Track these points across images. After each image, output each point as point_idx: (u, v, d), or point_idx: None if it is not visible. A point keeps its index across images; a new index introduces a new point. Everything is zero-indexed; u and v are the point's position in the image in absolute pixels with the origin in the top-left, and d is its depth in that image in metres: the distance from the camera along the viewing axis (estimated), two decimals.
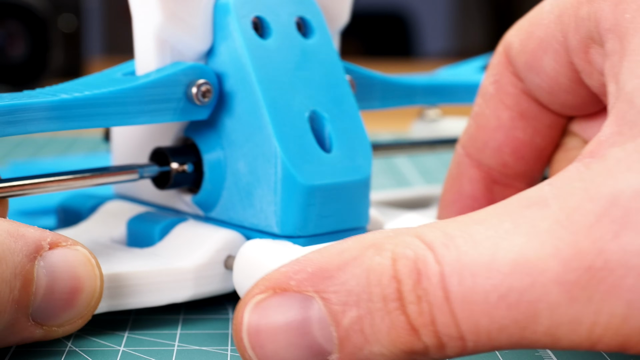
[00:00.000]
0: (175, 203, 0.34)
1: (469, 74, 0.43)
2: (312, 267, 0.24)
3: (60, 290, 0.27)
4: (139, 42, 0.32)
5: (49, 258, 0.27)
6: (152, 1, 0.31)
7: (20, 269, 0.26)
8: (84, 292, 0.28)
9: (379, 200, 0.41)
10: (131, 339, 0.29)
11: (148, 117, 0.31)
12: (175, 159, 0.32)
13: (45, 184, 0.30)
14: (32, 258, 0.27)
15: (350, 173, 0.31)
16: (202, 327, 0.31)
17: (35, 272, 0.27)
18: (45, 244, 0.27)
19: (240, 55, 0.31)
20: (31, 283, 0.27)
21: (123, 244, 0.34)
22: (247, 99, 0.31)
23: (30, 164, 0.53)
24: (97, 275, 0.28)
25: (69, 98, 0.29)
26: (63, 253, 0.27)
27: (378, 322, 0.23)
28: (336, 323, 0.23)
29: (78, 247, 0.28)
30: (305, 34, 0.33)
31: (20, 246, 0.26)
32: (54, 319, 0.27)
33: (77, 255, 0.28)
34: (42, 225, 0.37)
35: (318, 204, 0.31)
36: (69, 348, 0.29)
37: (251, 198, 0.31)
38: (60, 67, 0.99)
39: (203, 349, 0.29)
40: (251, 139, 0.31)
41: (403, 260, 0.23)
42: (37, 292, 0.27)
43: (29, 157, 0.63)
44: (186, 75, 0.31)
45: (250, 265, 0.30)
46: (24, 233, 0.27)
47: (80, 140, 0.72)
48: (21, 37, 0.97)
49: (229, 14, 0.31)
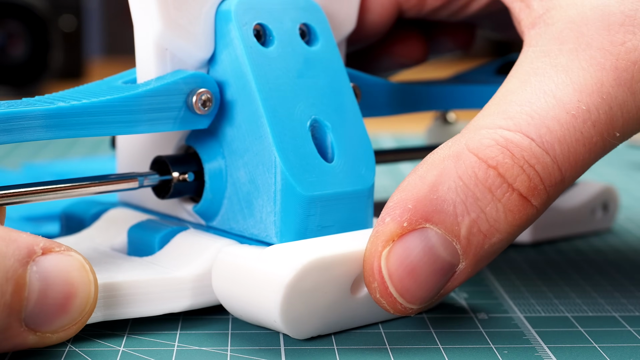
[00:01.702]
0: (177, 212, 0.34)
1: (479, 78, 0.43)
2: (411, 203, 0.27)
3: (54, 296, 0.27)
4: (140, 49, 0.32)
5: (42, 263, 0.27)
6: (153, 9, 0.30)
7: (12, 273, 0.26)
8: (77, 298, 0.28)
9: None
10: (131, 339, 0.29)
11: (147, 126, 0.31)
12: (176, 168, 0.32)
13: (44, 192, 0.30)
14: (25, 263, 0.27)
15: (352, 183, 0.31)
16: (202, 327, 0.31)
17: (27, 277, 0.27)
18: (38, 249, 0.27)
19: (241, 63, 0.31)
20: (23, 288, 0.26)
21: (124, 252, 0.33)
22: (247, 107, 0.31)
23: (45, 166, 0.53)
24: (92, 281, 0.28)
25: (66, 106, 0.29)
26: (56, 258, 0.27)
27: (494, 214, 0.26)
28: (456, 237, 0.27)
29: (72, 252, 0.28)
30: (309, 41, 0.33)
31: (12, 250, 0.26)
32: (48, 324, 0.27)
33: (70, 260, 0.28)
34: (45, 232, 0.38)
35: (318, 214, 0.31)
36: (68, 348, 0.29)
37: (251, 208, 0.31)
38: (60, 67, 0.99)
39: (203, 349, 0.29)
40: (251, 148, 0.31)
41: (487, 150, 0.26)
42: (29, 297, 0.27)
43: (29, 157, 0.63)
44: (187, 84, 0.31)
45: (228, 270, 0.30)
46: (16, 238, 0.27)
47: (81, 141, 0.72)
48: (21, 37, 0.97)
49: (230, 22, 0.31)
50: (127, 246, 0.33)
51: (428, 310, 0.32)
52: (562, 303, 0.34)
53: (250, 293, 0.29)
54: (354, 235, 0.30)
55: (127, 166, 0.35)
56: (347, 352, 0.29)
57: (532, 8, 0.29)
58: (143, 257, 0.32)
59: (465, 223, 0.27)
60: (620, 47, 0.27)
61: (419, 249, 0.27)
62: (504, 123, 0.27)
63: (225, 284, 0.30)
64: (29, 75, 0.96)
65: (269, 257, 0.29)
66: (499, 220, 0.27)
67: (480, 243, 0.27)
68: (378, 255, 0.28)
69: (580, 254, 0.41)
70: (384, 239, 0.28)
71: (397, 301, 0.28)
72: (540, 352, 0.29)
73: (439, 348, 0.29)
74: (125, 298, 0.30)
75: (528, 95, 0.28)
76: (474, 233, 0.27)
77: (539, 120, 0.27)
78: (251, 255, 0.30)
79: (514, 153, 0.26)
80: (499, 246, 0.28)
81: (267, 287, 0.28)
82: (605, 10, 0.28)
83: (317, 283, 0.29)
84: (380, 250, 0.28)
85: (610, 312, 0.33)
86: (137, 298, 0.30)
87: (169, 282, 0.30)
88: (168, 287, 0.30)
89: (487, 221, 0.27)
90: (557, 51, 0.28)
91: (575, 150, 0.27)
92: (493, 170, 0.26)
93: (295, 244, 0.29)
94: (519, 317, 0.32)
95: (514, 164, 0.26)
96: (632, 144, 0.72)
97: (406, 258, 0.27)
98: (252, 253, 0.30)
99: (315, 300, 0.29)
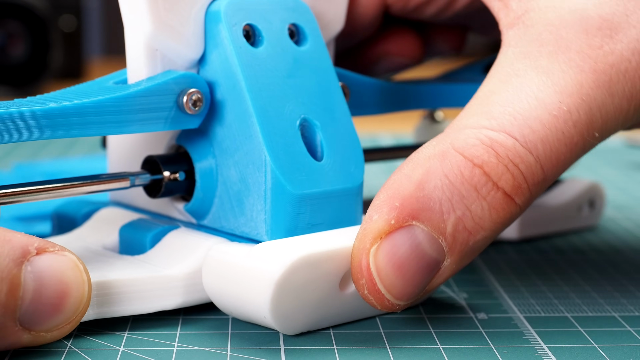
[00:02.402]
0: (168, 210, 0.34)
1: (467, 77, 0.43)
2: (398, 201, 0.27)
3: (48, 295, 0.27)
4: (130, 50, 0.32)
5: (36, 263, 0.27)
6: (143, 10, 0.31)
7: (6, 273, 0.27)
8: (71, 297, 0.28)
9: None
10: (131, 339, 0.30)
11: (139, 126, 0.31)
12: (167, 167, 0.32)
13: (36, 192, 0.30)
14: (19, 263, 0.27)
15: (341, 181, 0.31)
16: (202, 327, 0.31)
17: (22, 277, 0.27)
18: (33, 249, 0.27)
19: (231, 63, 0.31)
20: (18, 287, 0.27)
21: (115, 251, 0.34)
22: (237, 107, 0.31)
23: (33, 166, 0.53)
24: (85, 280, 0.28)
25: (58, 107, 0.29)
26: (50, 258, 0.28)
27: (479, 212, 0.27)
28: (442, 234, 0.27)
29: (66, 252, 0.28)
30: (298, 41, 0.33)
31: (6, 251, 0.27)
32: (42, 323, 0.28)
33: (64, 260, 0.28)
34: (37, 231, 0.38)
35: (308, 212, 0.31)
36: (69, 348, 0.29)
37: (242, 206, 0.31)
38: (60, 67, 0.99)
39: (203, 349, 0.29)
40: (242, 148, 0.31)
41: (472, 149, 0.27)
42: (24, 296, 0.27)
43: (29, 158, 0.63)
44: (177, 84, 0.31)
45: (218, 267, 0.30)
46: (11, 238, 0.27)
47: (81, 141, 0.72)
48: (21, 37, 0.97)
49: (220, 22, 0.31)
50: (119, 245, 0.34)
51: (428, 310, 0.32)
52: (562, 303, 0.34)
53: (241, 290, 0.29)
54: (342, 232, 0.31)
55: (118, 166, 0.35)
56: (347, 352, 0.29)
57: (511, 8, 0.30)
58: (135, 255, 0.33)
59: (451, 220, 0.27)
60: (598, 50, 0.28)
61: (407, 246, 0.28)
62: (488, 123, 0.27)
63: (215, 281, 0.30)
64: (29, 75, 0.96)
65: (259, 254, 0.29)
66: (483, 217, 0.27)
67: (465, 240, 0.27)
68: (366, 253, 0.28)
69: (580, 253, 0.41)
70: (372, 237, 0.28)
71: (385, 297, 0.28)
72: (540, 352, 0.29)
73: (439, 348, 0.29)
74: (118, 296, 0.30)
75: (510, 96, 0.28)
76: (459, 230, 0.27)
77: (522, 121, 0.27)
78: (241, 252, 0.30)
79: (499, 152, 0.27)
80: (483, 243, 0.28)
81: (258, 284, 0.29)
82: (584, 14, 0.28)
83: (307, 279, 0.29)
84: (369, 247, 0.28)
85: (610, 312, 0.33)
86: (129, 296, 0.30)
87: (161, 280, 0.31)
88: (160, 285, 0.31)
89: (472, 219, 0.27)
90: (537, 53, 0.28)
91: (557, 150, 0.27)
92: (479, 169, 0.27)
93: (285, 241, 0.30)
94: (519, 317, 0.32)
95: (499, 163, 0.27)
96: (632, 144, 0.72)
97: (394, 255, 0.28)
98: (242, 250, 0.30)
99: (304, 296, 0.29)
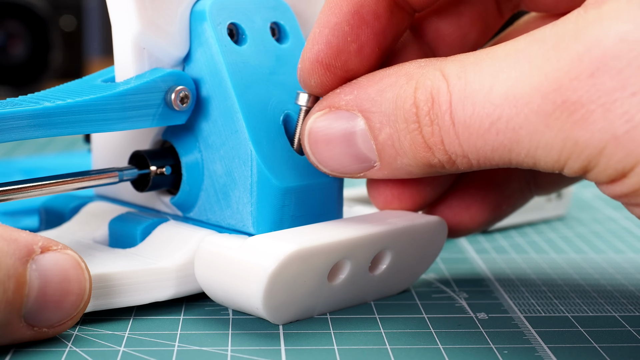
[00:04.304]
0: (154, 204, 0.35)
1: None
2: (358, 91, 0.30)
3: (52, 292, 0.28)
4: (118, 49, 0.33)
5: (41, 261, 0.28)
6: (130, 9, 0.31)
7: (13, 271, 0.27)
8: (73, 294, 0.29)
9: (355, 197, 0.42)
10: (131, 339, 0.30)
11: (128, 124, 0.32)
12: (154, 162, 0.33)
13: (25, 189, 0.31)
14: (25, 261, 0.28)
15: (323, 174, 0.32)
16: (202, 327, 0.31)
17: (28, 275, 0.28)
18: (37, 248, 0.28)
19: (216, 61, 0.32)
20: (24, 285, 0.27)
21: (105, 245, 0.34)
22: (223, 103, 0.32)
23: (10, 163, 0.53)
24: (87, 278, 0.29)
25: (52, 106, 0.30)
26: (54, 257, 0.28)
27: (402, 140, 0.28)
28: (374, 137, 0.29)
29: (68, 251, 0.29)
30: (279, 39, 0.34)
31: (13, 249, 0.27)
32: (46, 320, 0.28)
33: (67, 258, 0.29)
34: (24, 225, 0.38)
35: (292, 205, 0.32)
36: (69, 348, 0.29)
37: (228, 199, 0.32)
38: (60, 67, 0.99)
39: (203, 349, 0.29)
40: (227, 142, 0.32)
41: (422, 90, 0.28)
42: (29, 294, 0.28)
43: (5, 155, 0.63)
44: (165, 82, 0.32)
45: (211, 259, 0.31)
46: (17, 237, 0.28)
47: (81, 140, 0.72)
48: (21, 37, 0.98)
49: (204, 21, 0.32)
50: (109, 238, 0.34)
51: (428, 310, 0.33)
52: (562, 303, 0.34)
53: (234, 281, 0.30)
54: (330, 226, 0.31)
55: (103, 161, 0.36)
56: (347, 352, 0.29)
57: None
58: (126, 248, 0.33)
59: (383, 132, 0.29)
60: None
61: (343, 127, 0.30)
62: (456, 79, 0.27)
63: (208, 272, 0.31)
64: (29, 75, 0.96)
65: (252, 248, 0.30)
66: (404, 147, 0.29)
67: (392, 156, 0.29)
68: (314, 114, 0.30)
69: (580, 253, 0.41)
70: (324, 104, 0.30)
71: (310, 157, 0.31)
72: (540, 352, 0.29)
73: (439, 348, 0.29)
74: (112, 289, 0.31)
75: (493, 69, 0.27)
76: (388, 144, 0.29)
77: (475, 98, 0.27)
78: (234, 245, 0.30)
79: (434, 107, 0.28)
80: (408, 170, 0.29)
81: (251, 277, 0.29)
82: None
83: (298, 272, 0.30)
84: (317, 110, 0.30)
85: (610, 312, 0.33)
86: (123, 288, 0.31)
87: (153, 272, 0.31)
88: (153, 277, 0.31)
89: (399, 142, 0.29)
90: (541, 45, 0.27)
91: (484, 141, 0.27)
92: (414, 108, 0.28)
93: (276, 235, 0.30)
94: (519, 317, 0.32)
95: (428, 114, 0.28)
96: None
97: (329, 127, 0.30)
98: (234, 243, 0.31)
99: (295, 289, 0.30)
